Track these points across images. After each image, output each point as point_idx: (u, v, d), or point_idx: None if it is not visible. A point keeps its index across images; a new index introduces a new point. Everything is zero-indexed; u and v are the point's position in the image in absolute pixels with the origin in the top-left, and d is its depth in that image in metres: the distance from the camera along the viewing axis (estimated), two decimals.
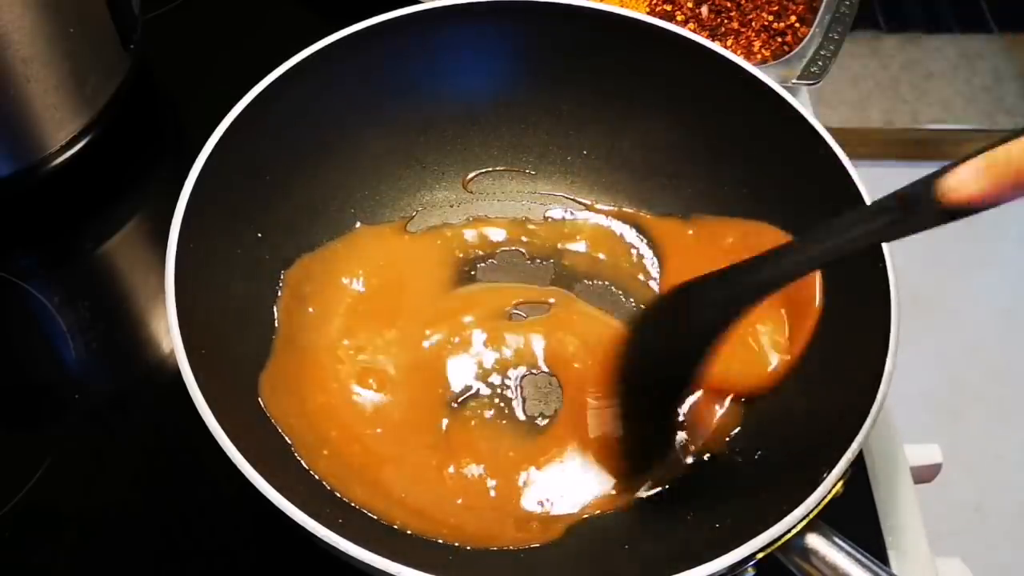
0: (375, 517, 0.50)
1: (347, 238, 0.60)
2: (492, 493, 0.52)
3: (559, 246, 0.61)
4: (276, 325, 0.56)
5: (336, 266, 0.59)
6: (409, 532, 0.50)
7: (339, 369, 0.55)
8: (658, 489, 0.53)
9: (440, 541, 0.50)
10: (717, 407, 0.55)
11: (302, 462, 0.51)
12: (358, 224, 0.60)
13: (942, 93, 1.79)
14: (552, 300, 0.59)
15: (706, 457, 0.53)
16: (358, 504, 0.50)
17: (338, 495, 0.50)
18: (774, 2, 0.72)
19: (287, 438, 0.51)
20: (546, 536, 0.51)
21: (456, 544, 0.50)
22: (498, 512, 0.52)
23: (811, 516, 0.43)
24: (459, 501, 0.52)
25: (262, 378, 0.53)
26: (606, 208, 0.62)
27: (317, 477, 0.50)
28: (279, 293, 0.57)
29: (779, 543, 0.43)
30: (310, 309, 0.57)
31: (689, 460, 0.53)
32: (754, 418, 0.54)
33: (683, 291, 0.50)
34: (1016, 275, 1.61)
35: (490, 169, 0.64)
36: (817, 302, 0.54)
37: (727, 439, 0.54)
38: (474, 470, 0.53)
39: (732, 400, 0.55)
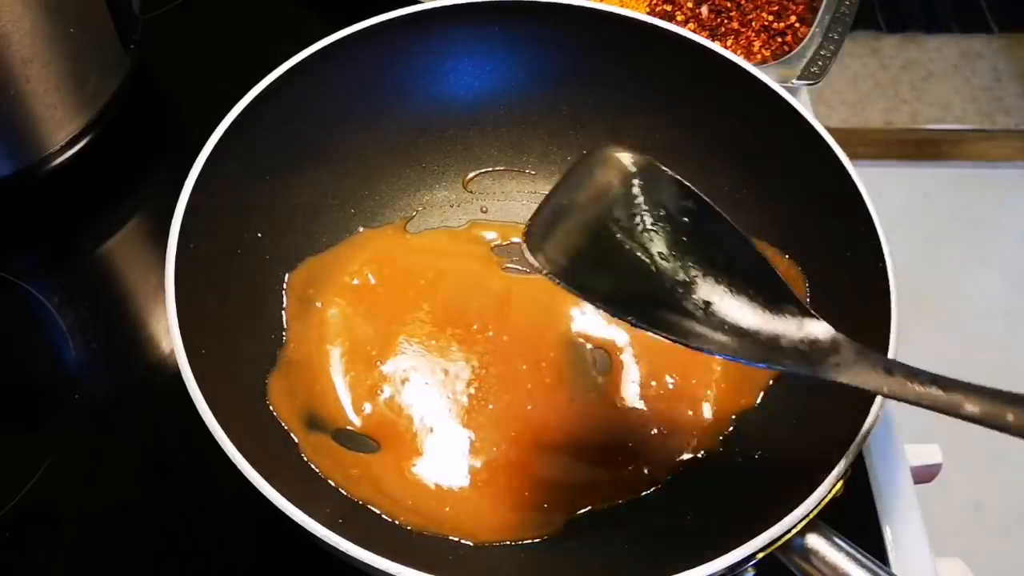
0: (379, 513, 0.50)
1: (350, 241, 0.60)
2: (493, 488, 0.52)
3: None
4: (284, 328, 0.56)
5: (340, 267, 0.59)
6: (411, 528, 0.50)
7: (350, 370, 0.56)
8: (657, 488, 0.53)
9: (440, 537, 0.50)
10: (691, 412, 0.55)
11: (309, 462, 0.51)
12: (360, 229, 0.61)
13: (942, 93, 1.79)
14: None
15: (705, 457, 0.54)
16: (363, 501, 0.50)
17: (343, 492, 0.50)
18: (774, 2, 0.72)
19: (294, 437, 0.51)
20: (544, 531, 0.51)
21: (457, 539, 0.50)
22: (497, 506, 0.52)
23: (811, 516, 0.43)
24: (461, 496, 0.52)
25: (271, 381, 0.53)
26: None
27: (321, 474, 0.51)
28: (284, 297, 0.57)
29: (779, 543, 0.43)
30: (317, 304, 0.57)
31: (688, 459, 0.54)
32: (754, 418, 0.54)
33: None
34: (1016, 275, 1.61)
35: (490, 169, 0.64)
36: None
37: (721, 437, 0.54)
38: (478, 464, 0.53)
39: (718, 404, 0.55)
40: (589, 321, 0.58)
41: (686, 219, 0.44)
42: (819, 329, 0.42)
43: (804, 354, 0.41)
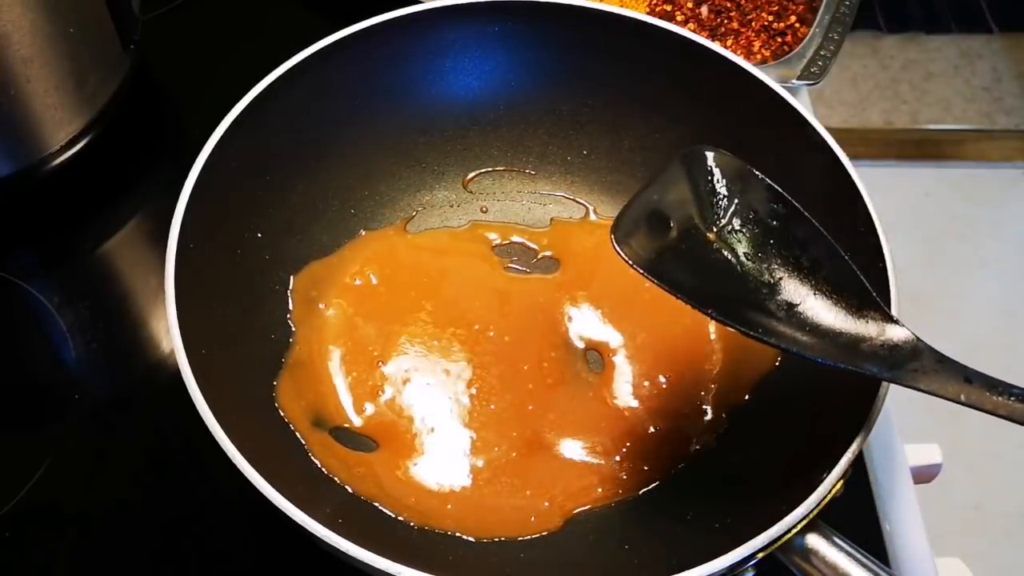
0: (383, 510, 0.50)
1: (352, 244, 0.60)
2: (495, 487, 0.53)
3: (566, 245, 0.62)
4: (292, 331, 0.56)
5: (342, 268, 0.59)
6: (413, 525, 0.50)
7: (352, 370, 0.56)
8: (656, 487, 0.53)
9: (441, 534, 0.50)
10: (686, 411, 0.55)
11: (316, 462, 0.51)
12: (361, 232, 0.61)
13: (942, 93, 1.79)
14: (549, 253, 0.61)
15: (704, 456, 0.54)
16: (367, 498, 0.50)
17: (348, 489, 0.51)
18: (774, 2, 0.72)
19: (301, 438, 0.52)
20: (544, 529, 0.51)
21: (459, 535, 0.50)
22: (499, 504, 0.52)
23: (811, 516, 0.43)
24: (463, 495, 0.52)
25: (279, 383, 0.53)
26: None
27: (328, 473, 0.51)
28: (289, 300, 0.57)
29: (779, 543, 0.43)
30: (320, 305, 0.57)
31: (686, 458, 0.54)
32: (753, 417, 0.54)
33: None
34: (1016, 275, 1.61)
35: (490, 169, 0.64)
36: None
37: (718, 436, 0.54)
38: (480, 463, 0.53)
39: (713, 401, 0.55)
40: (585, 322, 0.58)
41: (775, 222, 0.44)
42: (901, 334, 0.42)
43: (884, 359, 0.42)
